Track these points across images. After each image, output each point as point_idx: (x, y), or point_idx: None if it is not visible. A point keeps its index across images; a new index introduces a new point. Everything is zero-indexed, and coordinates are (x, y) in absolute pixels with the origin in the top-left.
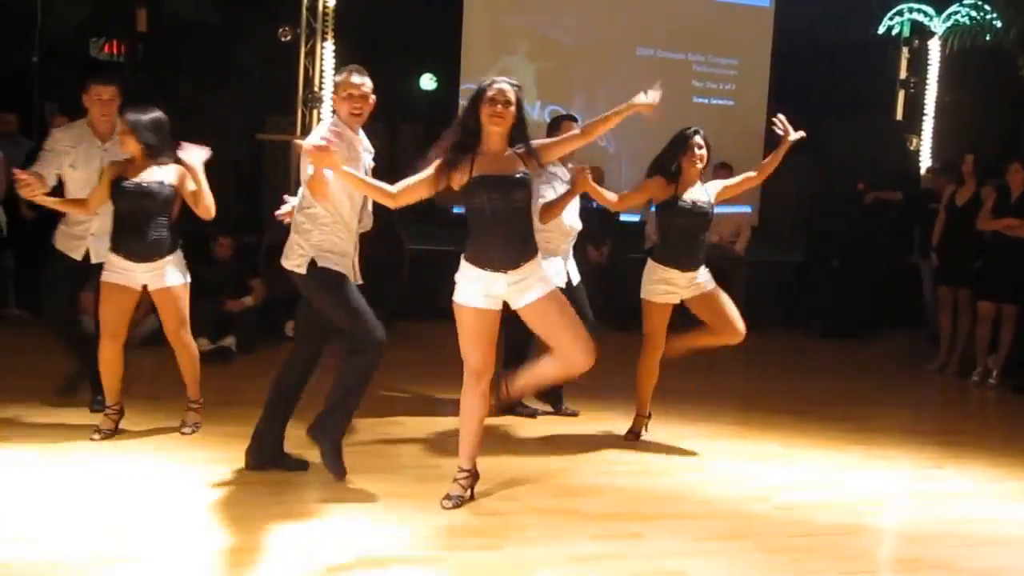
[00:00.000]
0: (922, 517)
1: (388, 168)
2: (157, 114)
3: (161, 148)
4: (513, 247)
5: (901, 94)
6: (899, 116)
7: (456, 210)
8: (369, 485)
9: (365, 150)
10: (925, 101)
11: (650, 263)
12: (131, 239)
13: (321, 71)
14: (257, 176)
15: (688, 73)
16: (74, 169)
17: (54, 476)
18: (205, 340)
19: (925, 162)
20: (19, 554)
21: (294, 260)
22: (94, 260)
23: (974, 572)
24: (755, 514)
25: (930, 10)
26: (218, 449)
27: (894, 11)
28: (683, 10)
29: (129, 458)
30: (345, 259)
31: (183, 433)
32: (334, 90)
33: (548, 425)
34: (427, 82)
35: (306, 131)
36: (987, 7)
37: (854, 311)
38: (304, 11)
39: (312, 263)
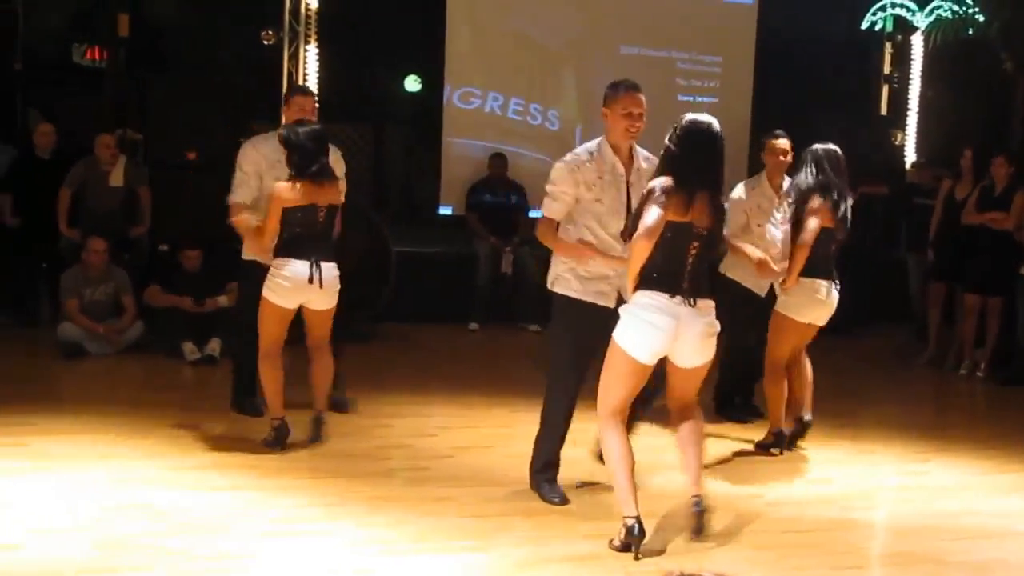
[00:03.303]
0: (911, 511)
1: (374, 170)
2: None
3: None
4: None
5: (885, 89)
6: (883, 111)
7: (442, 211)
8: (358, 488)
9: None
10: (909, 96)
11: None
12: None
13: (304, 74)
14: None
15: (672, 71)
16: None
17: (40, 484)
18: (192, 347)
19: (910, 157)
20: (2, 563)
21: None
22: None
23: (963, 565)
24: (745, 510)
25: (913, 5)
26: (206, 455)
27: (877, 6)
28: (666, 8)
29: (117, 466)
30: (601, 283)
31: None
32: (606, 105)
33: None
34: (411, 84)
35: None
36: (969, 1)
37: (840, 306)
38: (287, 14)
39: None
